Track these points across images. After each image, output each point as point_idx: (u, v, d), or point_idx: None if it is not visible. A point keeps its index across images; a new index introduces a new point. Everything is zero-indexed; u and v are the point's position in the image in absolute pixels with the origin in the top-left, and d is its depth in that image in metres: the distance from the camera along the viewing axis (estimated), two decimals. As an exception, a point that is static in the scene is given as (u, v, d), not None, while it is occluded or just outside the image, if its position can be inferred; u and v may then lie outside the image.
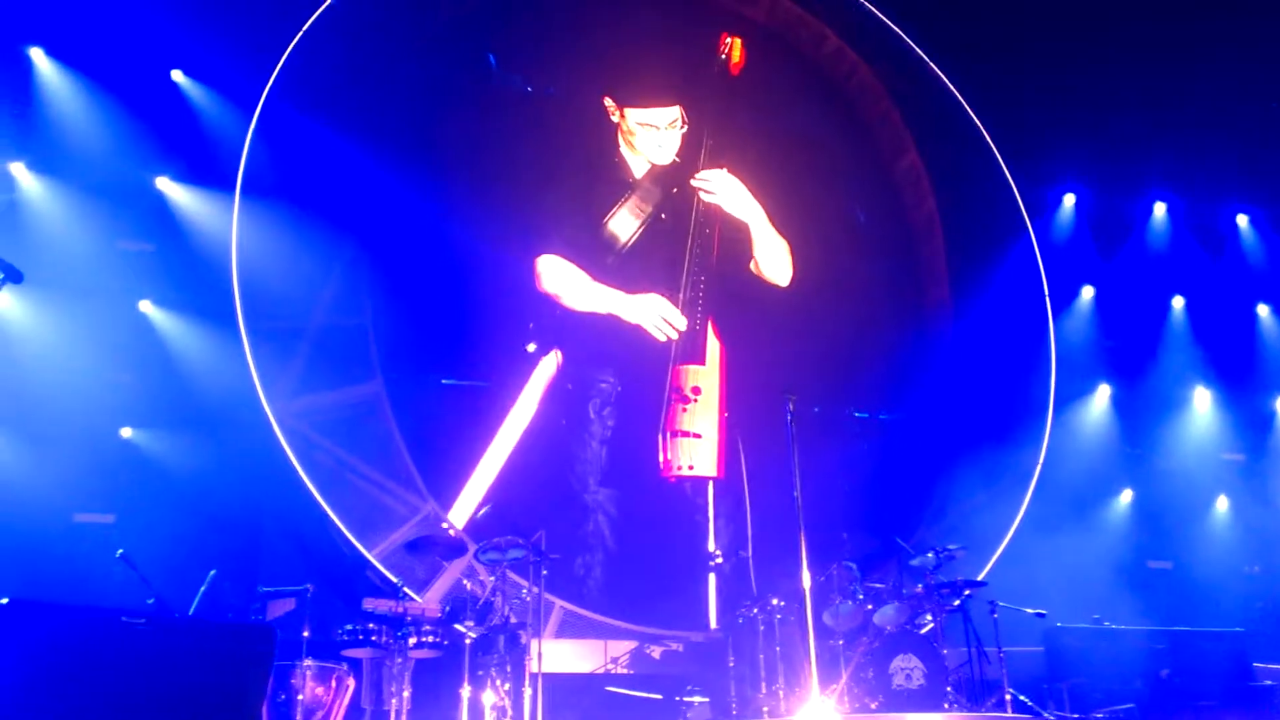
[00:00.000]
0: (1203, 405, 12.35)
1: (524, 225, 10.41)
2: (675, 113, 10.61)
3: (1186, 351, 12.46)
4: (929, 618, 8.44)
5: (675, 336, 10.31)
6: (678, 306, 10.37)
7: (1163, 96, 12.18)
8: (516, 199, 10.47)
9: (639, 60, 10.82)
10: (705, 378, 10.35)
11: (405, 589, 8.07)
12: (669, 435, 10.16)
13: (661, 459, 10.12)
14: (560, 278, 10.40)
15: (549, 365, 10.30)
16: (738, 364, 10.56)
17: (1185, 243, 12.82)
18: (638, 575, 9.85)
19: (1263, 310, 12.76)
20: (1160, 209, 12.85)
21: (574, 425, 10.29)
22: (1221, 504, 12.01)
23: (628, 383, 10.46)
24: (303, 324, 9.47)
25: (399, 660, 7.63)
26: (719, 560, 9.58)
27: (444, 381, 10.05)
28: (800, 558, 6.44)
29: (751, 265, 10.93)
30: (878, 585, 8.64)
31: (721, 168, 10.70)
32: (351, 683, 7.61)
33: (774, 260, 11.00)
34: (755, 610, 8.23)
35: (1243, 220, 13.03)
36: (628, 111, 10.64)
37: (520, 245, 10.38)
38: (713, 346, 10.50)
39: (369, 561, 8.86)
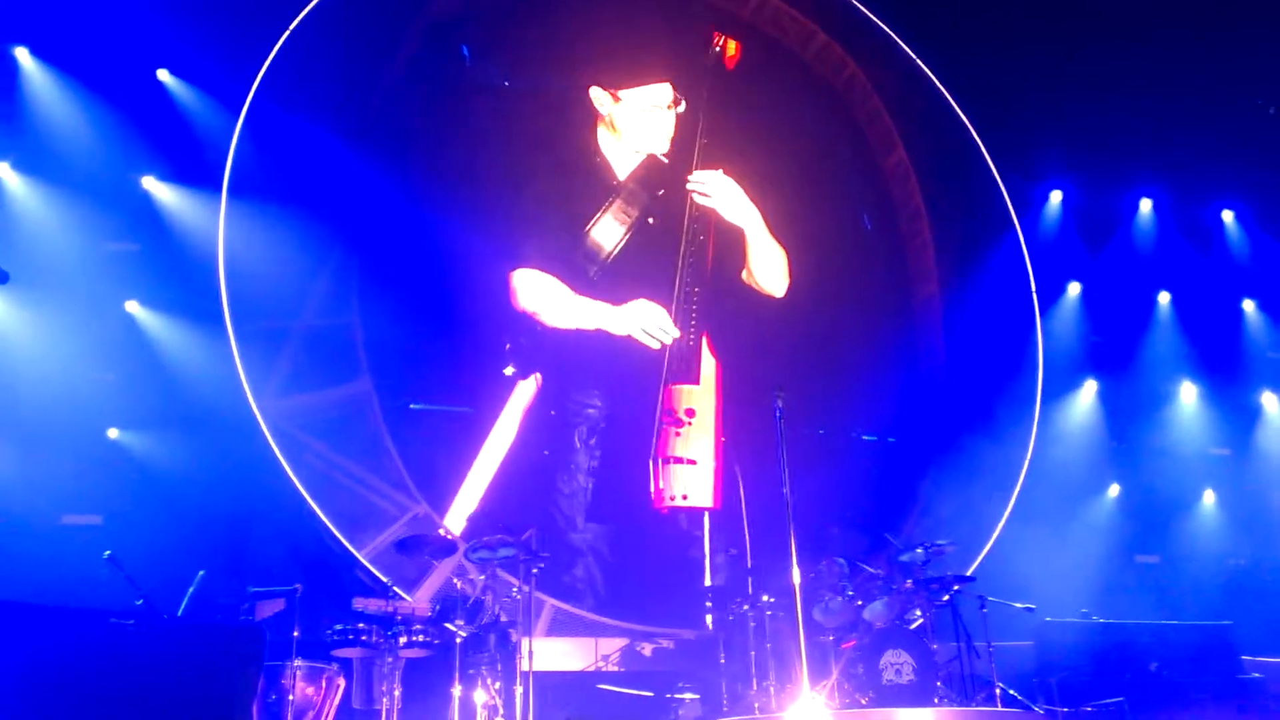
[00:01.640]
0: (1189, 400, 12.40)
1: (500, 235, 9.92)
2: (670, 91, 10.19)
3: (1173, 347, 12.51)
4: (918, 613, 8.44)
5: (669, 343, 9.68)
6: (670, 318, 9.83)
7: (1149, 93, 12.23)
8: (490, 205, 10.03)
9: (630, 44, 10.41)
10: (700, 399, 9.70)
11: (395, 588, 8.06)
12: (661, 462, 9.50)
13: (653, 488, 9.49)
14: (539, 293, 9.78)
15: (527, 390, 9.78)
16: (734, 380, 10.02)
17: (1171, 239, 12.87)
18: (630, 583, 9.76)
19: (1248, 306, 12.82)
20: (1146, 205, 12.91)
21: (558, 457, 9.74)
22: (1208, 498, 12.07)
23: (615, 406, 9.86)
24: (290, 324, 9.42)
25: (389, 660, 7.61)
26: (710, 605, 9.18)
27: (412, 406, 9.68)
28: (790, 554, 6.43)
29: (744, 274, 10.47)
30: (868, 581, 8.64)
31: (717, 169, 10.24)
32: (342, 682, 7.59)
33: (770, 269, 10.42)
34: (746, 607, 8.24)
35: (1228, 216, 13.10)
36: (625, 95, 10.14)
37: (496, 257, 9.89)
38: (708, 364, 9.87)
39: (358, 561, 8.84)
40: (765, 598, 8.21)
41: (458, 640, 7.64)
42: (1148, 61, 12.05)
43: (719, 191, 10.18)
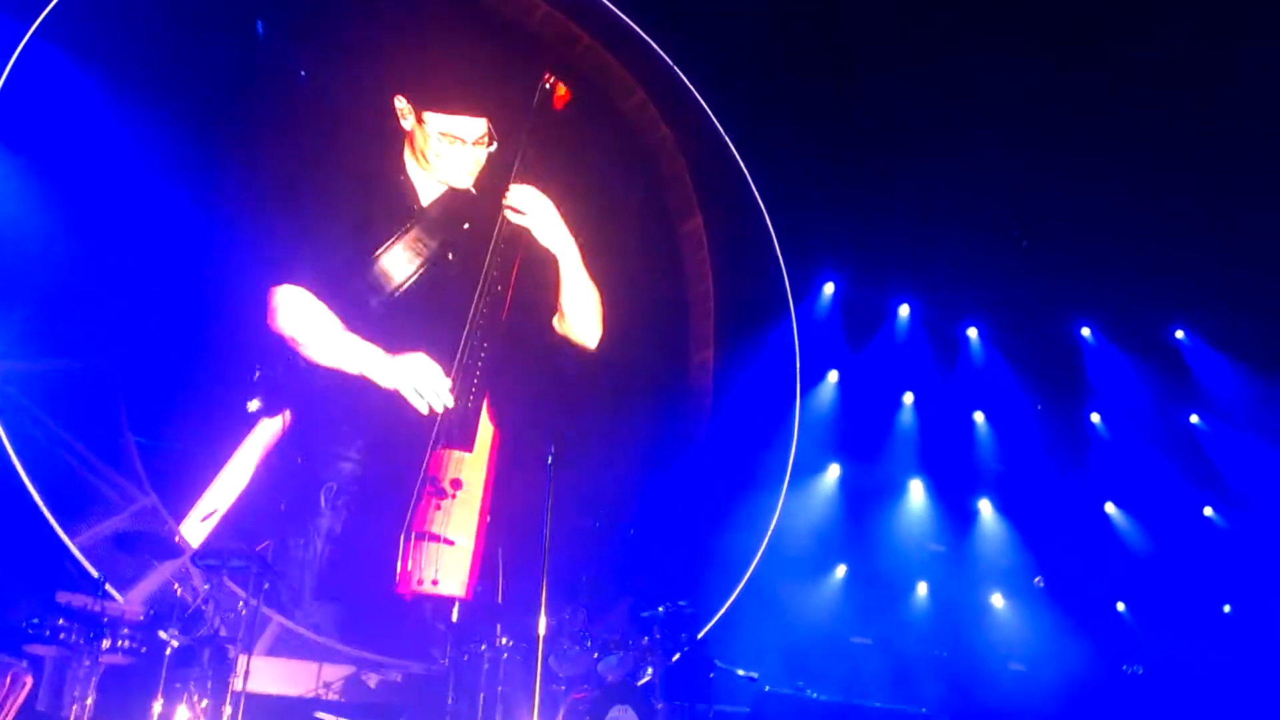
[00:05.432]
0: (917, 495, 13.30)
1: (269, 239, 8.87)
2: (483, 127, 9.57)
3: (910, 443, 13.41)
4: (650, 670, 8.58)
5: (440, 410, 8.78)
6: (450, 374, 8.95)
7: (922, 210, 13.24)
8: (263, 203, 8.99)
9: (446, 61, 9.70)
10: (470, 469, 8.89)
11: (107, 586, 7.41)
12: (413, 538, 8.63)
13: (400, 568, 8.59)
14: (303, 318, 8.69)
15: (271, 429, 8.68)
16: (509, 450, 9.30)
17: (922, 344, 13.85)
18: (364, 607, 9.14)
19: (978, 417, 13.94)
20: (904, 310, 13.85)
21: (295, 516, 8.65)
22: (921, 589, 12.94)
23: (372, 465, 8.84)
24: (33, 279, 8.49)
25: (87, 662, 7.09)
26: None
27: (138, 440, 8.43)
28: (540, 600, 6.33)
29: (556, 320, 9.89)
30: (607, 634, 8.68)
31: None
32: (29, 681, 6.88)
33: (583, 309, 9.84)
34: (483, 647, 8.10)
35: (973, 333, 14.25)
36: (427, 117, 9.37)
37: (260, 264, 8.83)
38: (485, 431, 9.09)
39: (69, 549, 8.04)
40: (503, 640, 8.11)
41: (168, 650, 7.18)
42: (924, 181, 13.07)
43: (535, 210, 9.65)
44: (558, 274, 10.09)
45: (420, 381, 8.90)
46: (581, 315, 10.01)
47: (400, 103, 9.57)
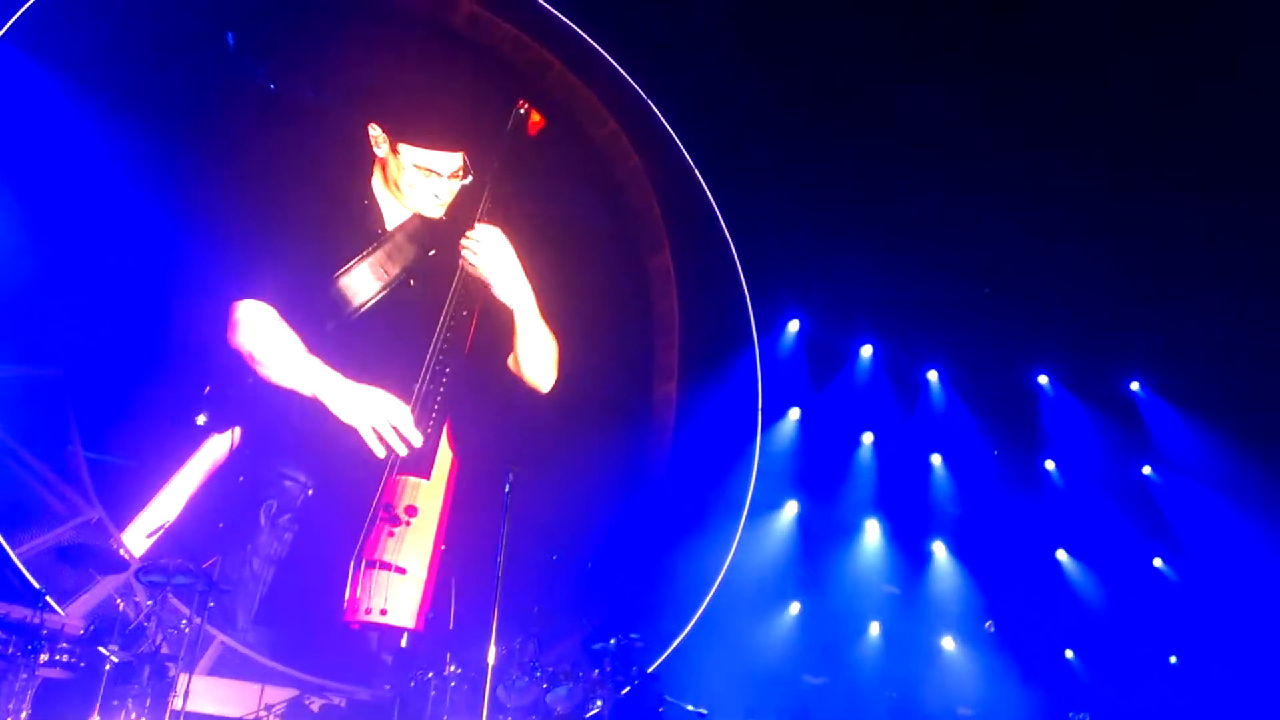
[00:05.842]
0: (872, 536, 13.34)
1: (235, 255, 8.70)
2: (459, 160, 9.56)
3: (868, 483, 13.46)
4: (599, 703, 8.49)
5: (403, 453, 8.59)
6: (411, 400, 8.77)
7: (886, 247, 13.34)
8: (231, 221, 8.83)
9: (422, 91, 9.77)
10: (427, 496, 8.68)
11: (48, 598, 7.25)
12: (364, 565, 8.38)
13: (347, 595, 8.32)
14: (264, 335, 8.44)
15: (220, 446, 8.45)
16: (466, 480, 9.05)
17: (883, 385, 13.93)
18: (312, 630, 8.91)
19: (936, 459, 14.03)
20: (867, 351, 13.94)
21: (236, 534, 8.31)
22: (874, 629, 12.94)
23: (321, 486, 8.58)
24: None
25: (24, 675, 6.90)
26: None
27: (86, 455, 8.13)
28: (491, 630, 6.26)
29: (510, 360, 9.81)
30: (557, 665, 8.59)
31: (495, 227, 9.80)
32: (-39, 694, 6.71)
33: (538, 358, 9.80)
34: (430, 675, 8.00)
35: (933, 376, 14.37)
36: (403, 149, 9.38)
37: (226, 281, 8.64)
38: (443, 458, 8.91)
39: (10, 559, 7.85)
40: (451, 668, 8.00)
41: (107, 666, 7.02)
42: (892, 225, 13.20)
43: (494, 259, 9.57)
44: (513, 320, 10.04)
45: (381, 423, 8.74)
46: (535, 364, 9.96)
47: (374, 130, 9.52)
